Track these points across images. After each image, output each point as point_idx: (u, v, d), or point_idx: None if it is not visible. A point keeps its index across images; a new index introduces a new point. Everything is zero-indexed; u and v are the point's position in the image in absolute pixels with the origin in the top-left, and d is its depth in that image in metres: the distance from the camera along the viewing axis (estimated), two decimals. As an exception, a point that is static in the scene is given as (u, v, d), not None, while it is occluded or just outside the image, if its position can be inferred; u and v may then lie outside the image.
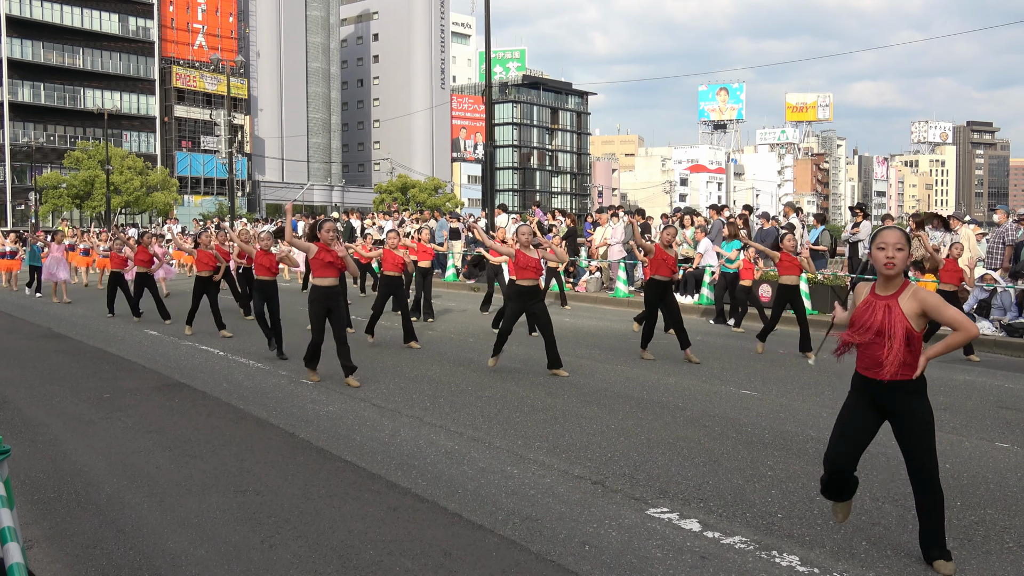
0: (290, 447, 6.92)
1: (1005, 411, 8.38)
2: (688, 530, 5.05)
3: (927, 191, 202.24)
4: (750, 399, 8.76)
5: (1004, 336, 12.99)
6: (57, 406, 8.51)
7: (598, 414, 8.06)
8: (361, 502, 5.54)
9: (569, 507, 5.42)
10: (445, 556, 4.66)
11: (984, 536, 4.97)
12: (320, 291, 9.29)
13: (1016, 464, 6.47)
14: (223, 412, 8.21)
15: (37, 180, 63.42)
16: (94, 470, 6.32)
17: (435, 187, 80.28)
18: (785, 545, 4.83)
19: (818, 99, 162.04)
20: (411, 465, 6.34)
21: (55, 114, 74.06)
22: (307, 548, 4.77)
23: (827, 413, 8.15)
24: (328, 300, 9.29)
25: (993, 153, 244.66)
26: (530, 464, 6.37)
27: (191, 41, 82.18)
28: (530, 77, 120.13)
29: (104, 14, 76.82)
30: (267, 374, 10.18)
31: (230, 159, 43.43)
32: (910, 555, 4.67)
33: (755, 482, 5.95)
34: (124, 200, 62.55)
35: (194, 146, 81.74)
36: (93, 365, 10.97)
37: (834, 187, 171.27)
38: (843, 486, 4.68)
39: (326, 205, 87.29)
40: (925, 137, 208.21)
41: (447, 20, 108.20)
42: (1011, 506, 5.50)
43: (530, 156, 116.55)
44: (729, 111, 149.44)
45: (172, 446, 6.95)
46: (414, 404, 8.45)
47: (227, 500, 5.59)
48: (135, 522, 5.23)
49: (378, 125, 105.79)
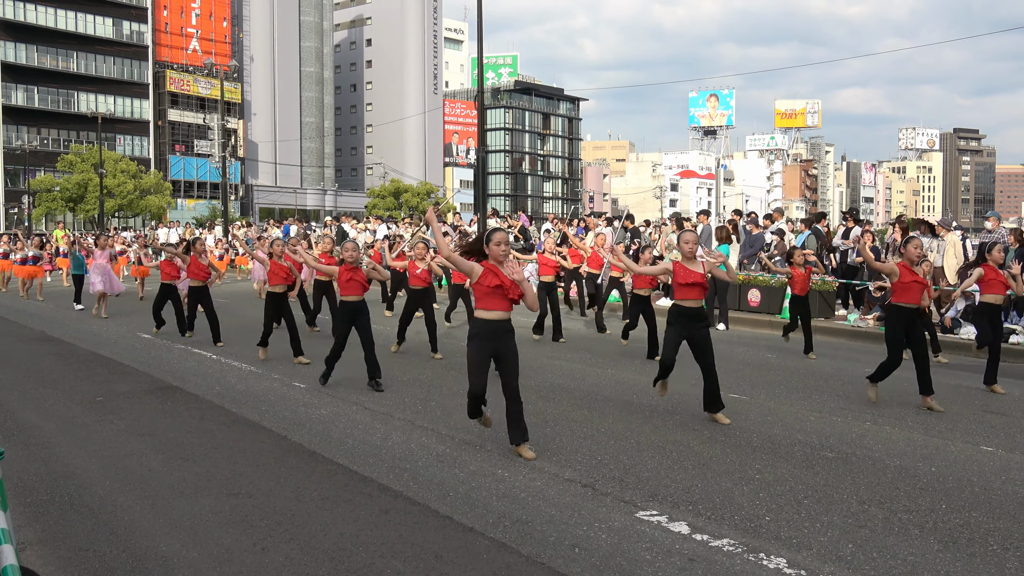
0: (282, 450, 6.95)
1: (990, 415, 8.46)
2: (677, 533, 5.10)
3: (914, 197, 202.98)
4: (738, 403, 8.82)
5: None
6: (50, 409, 8.53)
7: (588, 417, 8.11)
8: (353, 505, 5.58)
9: (559, 510, 5.47)
10: (436, 559, 4.70)
11: (969, 539, 5.04)
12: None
13: (1000, 467, 6.54)
14: (216, 415, 8.24)
15: (30, 183, 63.26)
16: (87, 473, 6.35)
17: (427, 192, 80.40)
18: (773, 547, 4.88)
19: (807, 106, 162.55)
20: (403, 468, 6.38)
21: (49, 117, 73.88)
22: (299, 551, 4.81)
23: (815, 417, 8.22)
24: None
25: (980, 160, 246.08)
26: (521, 467, 6.42)
27: (185, 45, 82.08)
28: (522, 83, 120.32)
29: (98, 18, 76.71)
30: (260, 378, 10.21)
31: (223, 163, 43.43)
32: (896, 557, 4.73)
33: (743, 485, 6.01)
34: (117, 204, 62.40)
35: (187, 150, 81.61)
36: (86, 368, 10.98)
37: (823, 193, 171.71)
38: None
39: (319, 209, 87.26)
40: (912, 144, 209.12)
41: (440, 26, 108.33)
42: (995, 509, 5.57)
43: (522, 161, 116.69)
44: (719, 117, 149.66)
45: (165, 449, 6.98)
46: (406, 407, 8.49)
47: (219, 503, 5.63)
48: (128, 525, 5.26)
49: (371, 130, 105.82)
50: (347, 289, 9.45)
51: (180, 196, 78.64)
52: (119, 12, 78.02)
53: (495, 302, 6.50)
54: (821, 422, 8.04)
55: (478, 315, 6.58)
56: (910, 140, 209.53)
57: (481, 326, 6.55)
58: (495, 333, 6.53)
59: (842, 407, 8.73)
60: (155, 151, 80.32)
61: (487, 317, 6.53)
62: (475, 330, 6.59)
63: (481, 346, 6.53)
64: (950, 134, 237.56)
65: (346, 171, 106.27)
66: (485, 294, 6.51)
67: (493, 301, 6.50)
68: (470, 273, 6.55)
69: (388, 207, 74.67)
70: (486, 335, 6.53)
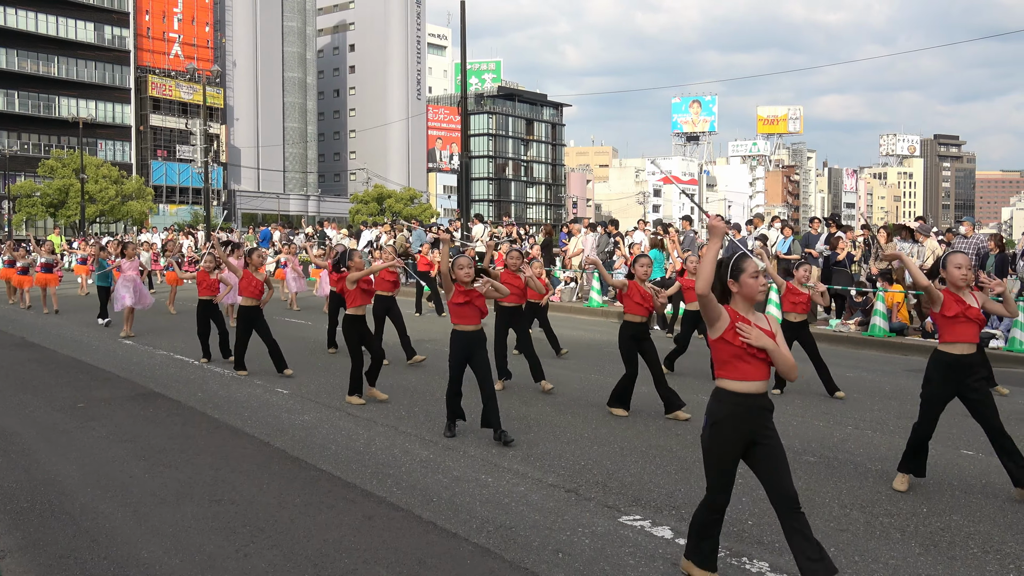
0: (265, 456, 6.93)
1: (969, 419, 8.45)
2: (660, 537, 5.12)
3: (895, 203, 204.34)
4: (722, 408, 8.83)
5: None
6: (30, 415, 8.47)
7: (572, 423, 8.13)
8: (336, 511, 5.57)
9: (543, 515, 5.48)
10: (420, 564, 4.70)
11: (949, 542, 5.07)
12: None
13: (980, 471, 6.59)
14: (198, 421, 8.21)
15: (11, 189, 62.81)
16: (68, 480, 6.30)
17: (411, 197, 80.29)
18: (755, 551, 4.90)
19: (788, 112, 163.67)
20: (386, 474, 6.37)
21: (29, 122, 73.47)
22: (282, 557, 4.80)
23: (796, 422, 8.26)
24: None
25: (960, 166, 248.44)
26: (504, 473, 6.42)
27: (167, 50, 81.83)
28: (505, 88, 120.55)
29: (79, 23, 76.41)
30: (242, 384, 10.17)
31: (206, 168, 43.22)
32: (877, 560, 4.76)
33: (726, 490, 6.02)
34: (99, 209, 62.05)
35: (169, 155, 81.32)
36: (67, 374, 10.91)
37: (804, 199, 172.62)
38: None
39: (302, 215, 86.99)
40: (893, 150, 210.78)
41: (423, 31, 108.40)
42: (975, 512, 5.61)
43: (505, 167, 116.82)
44: (702, 123, 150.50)
45: (147, 455, 6.94)
46: (389, 413, 8.47)
47: (202, 509, 5.60)
48: (109, 532, 5.23)
49: (354, 135, 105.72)
50: (463, 317, 7.49)
51: (162, 201, 78.31)
52: (101, 17, 77.72)
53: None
54: (803, 427, 8.08)
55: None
56: (891, 146, 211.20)
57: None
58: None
59: (824, 412, 8.77)
60: (137, 156, 79.99)
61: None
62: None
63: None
64: (931, 140, 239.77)
65: (329, 176, 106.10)
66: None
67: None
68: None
69: (371, 212, 74.53)
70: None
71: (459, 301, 7.39)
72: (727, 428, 4.38)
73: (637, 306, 8.48)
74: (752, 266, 4.42)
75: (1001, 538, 5.15)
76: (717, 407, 4.42)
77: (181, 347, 13.11)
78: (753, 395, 4.43)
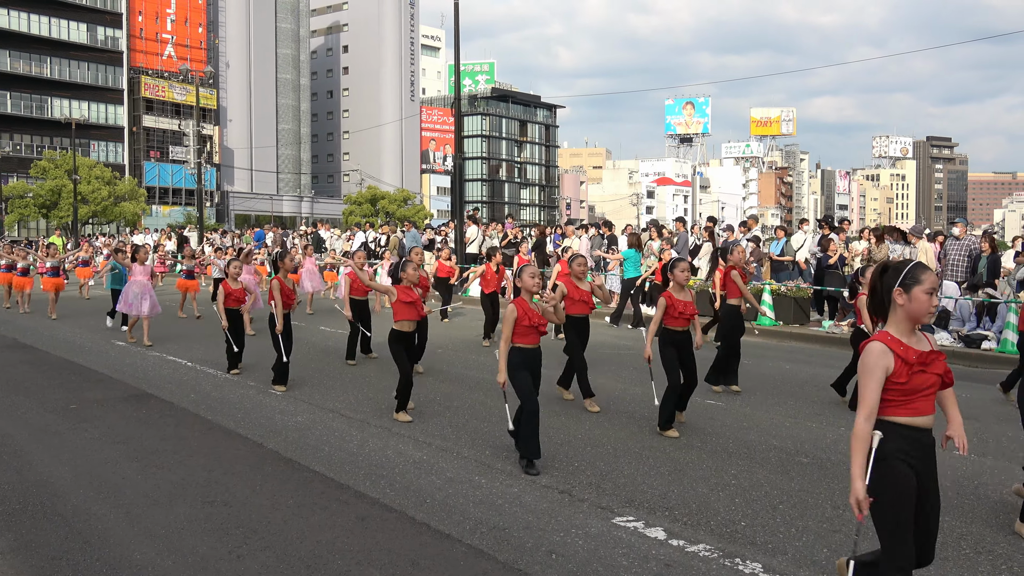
0: (258, 458, 6.92)
1: (963, 420, 8.53)
2: (653, 538, 5.12)
3: (888, 204, 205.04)
4: (714, 409, 8.86)
5: (962, 347, 13.23)
6: (22, 417, 8.44)
7: (565, 424, 8.13)
8: (329, 512, 5.57)
9: (536, 516, 5.48)
10: (413, 566, 4.70)
11: (942, 543, 5.08)
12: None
13: (973, 473, 6.61)
14: (191, 423, 8.19)
15: (3, 189, 62.59)
16: (60, 481, 6.29)
17: (404, 199, 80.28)
18: (748, 552, 4.91)
19: (781, 114, 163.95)
20: (379, 475, 6.37)
21: (22, 123, 73.22)
22: (275, 559, 4.79)
23: (790, 423, 8.28)
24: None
25: (952, 168, 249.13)
26: (498, 474, 6.42)
27: (160, 51, 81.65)
28: (499, 90, 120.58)
29: (72, 23, 76.19)
30: (235, 385, 10.15)
31: (199, 169, 43.15)
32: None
33: (719, 491, 6.04)
34: (91, 210, 61.90)
35: (162, 156, 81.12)
36: (59, 376, 10.87)
37: (797, 200, 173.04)
38: None
39: (295, 216, 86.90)
40: (886, 152, 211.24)
41: (417, 33, 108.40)
42: (968, 513, 5.63)
43: (499, 168, 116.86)
44: (695, 125, 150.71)
45: (139, 457, 6.93)
46: (382, 414, 8.47)
47: (195, 511, 5.60)
48: (102, 533, 5.22)
49: (347, 136, 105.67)
50: (524, 337, 6.85)
51: (155, 203, 78.09)
52: (94, 17, 77.49)
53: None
54: (796, 428, 8.10)
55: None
56: (884, 148, 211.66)
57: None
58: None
59: (817, 412, 8.79)
60: (130, 157, 79.78)
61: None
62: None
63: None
64: (923, 142, 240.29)
65: (323, 178, 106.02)
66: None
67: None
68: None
69: (365, 214, 74.47)
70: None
71: (528, 324, 6.74)
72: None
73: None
74: (931, 279, 3.69)
75: (993, 539, 5.17)
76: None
77: (174, 349, 13.09)
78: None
